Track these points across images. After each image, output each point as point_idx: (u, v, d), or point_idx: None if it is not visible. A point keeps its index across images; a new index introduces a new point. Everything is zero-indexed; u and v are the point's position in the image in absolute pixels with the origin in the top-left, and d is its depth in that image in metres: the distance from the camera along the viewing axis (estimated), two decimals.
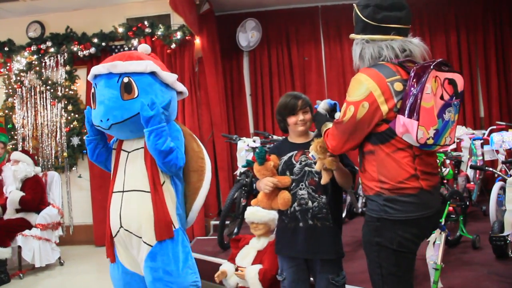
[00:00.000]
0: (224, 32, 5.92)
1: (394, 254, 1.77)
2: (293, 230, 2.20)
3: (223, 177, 5.47)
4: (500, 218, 3.36)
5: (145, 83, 2.18)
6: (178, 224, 2.25)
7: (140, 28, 5.48)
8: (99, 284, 4.25)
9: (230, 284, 2.89)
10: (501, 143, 4.16)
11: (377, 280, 1.82)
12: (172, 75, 2.29)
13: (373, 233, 1.81)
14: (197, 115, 5.49)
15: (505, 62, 5.73)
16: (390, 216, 1.76)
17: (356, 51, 1.87)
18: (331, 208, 2.16)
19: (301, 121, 2.22)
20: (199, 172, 2.30)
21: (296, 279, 2.25)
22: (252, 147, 4.07)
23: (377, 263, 1.80)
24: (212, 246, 4.18)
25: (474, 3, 5.69)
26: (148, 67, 2.19)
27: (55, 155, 5.67)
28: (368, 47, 1.82)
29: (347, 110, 1.78)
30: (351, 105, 1.77)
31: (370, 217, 1.83)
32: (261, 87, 6.05)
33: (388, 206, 1.76)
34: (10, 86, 5.72)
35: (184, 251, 2.23)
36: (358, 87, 1.76)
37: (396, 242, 1.76)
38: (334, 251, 2.17)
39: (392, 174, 1.75)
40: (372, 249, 1.82)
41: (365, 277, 3.03)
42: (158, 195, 2.15)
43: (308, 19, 5.97)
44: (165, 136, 2.11)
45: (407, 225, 1.76)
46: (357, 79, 1.79)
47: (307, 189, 2.16)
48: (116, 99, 2.15)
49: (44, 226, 4.58)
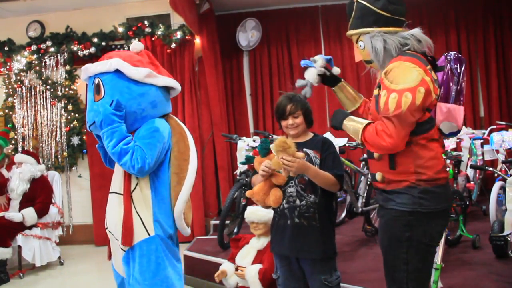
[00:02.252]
0: (224, 31, 5.92)
1: (424, 249, 1.75)
2: (282, 227, 2.20)
3: (223, 177, 5.47)
4: (500, 218, 3.36)
5: (111, 83, 2.12)
6: (154, 231, 2.08)
7: (140, 28, 5.48)
8: (99, 283, 4.25)
9: (230, 283, 2.89)
10: (501, 143, 4.17)
11: (400, 277, 1.77)
12: (141, 71, 2.13)
13: (403, 228, 1.75)
14: (197, 114, 5.50)
15: (505, 62, 5.73)
16: (425, 209, 1.72)
17: (376, 45, 1.79)
18: (320, 208, 2.15)
19: (290, 125, 2.22)
20: (180, 175, 2.14)
21: (290, 277, 2.25)
22: (252, 147, 4.07)
23: (404, 259, 1.75)
24: (212, 246, 4.18)
25: (474, 3, 5.68)
26: (112, 66, 2.11)
27: (55, 155, 5.67)
28: (391, 39, 1.78)
29: (402, 98, 1.67)
30: (406, 92, 1.67)
31: (400, 212, 1.75)
32: (261, 87, 6.05)
33: (423, 198, 1.72)
34: (10, 86, 5.72)
35: (156, 261, 2.06)
36: (408, 74, 1.69)
37: (428, 235, 1.74)
38: (320, 251, 2.14)
39: (429, 164, 1.74)
40: (400, 245, 1.76)
41: (365, 277, 3.04)
42: (127, 200, 2.08)
43: (308, 19, 5.97)
44: (116, 137, 2.02)
45: (439, 217, 1.77)
46: (403, 66, 1.72)
47: (296, 187, 2.16)
48: (91, 102, 2.15)
49: (44, 225, 4.59)
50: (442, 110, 1.74)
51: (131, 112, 2.11)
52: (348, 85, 2.19)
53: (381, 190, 1.86)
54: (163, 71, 2.27)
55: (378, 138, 1.75)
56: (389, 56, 1.79)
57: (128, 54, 2.22)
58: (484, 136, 4.80)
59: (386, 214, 1.82)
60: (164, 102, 2.25)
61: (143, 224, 2.07)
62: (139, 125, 2.14)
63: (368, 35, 1.81)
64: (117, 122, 2.05)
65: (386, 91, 1.71)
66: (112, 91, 2.11)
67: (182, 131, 2.25)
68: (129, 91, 2.12)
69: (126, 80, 2.13)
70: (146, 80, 2.16)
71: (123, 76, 2.12)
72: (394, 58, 1.76)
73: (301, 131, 2.25)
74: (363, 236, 4.02)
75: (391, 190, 1.79)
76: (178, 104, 5.41)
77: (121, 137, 2.03)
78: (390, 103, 1.69)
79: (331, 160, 2.17)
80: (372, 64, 1.89)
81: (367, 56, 1.86)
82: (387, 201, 1.82)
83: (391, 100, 1.69)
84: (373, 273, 3.01)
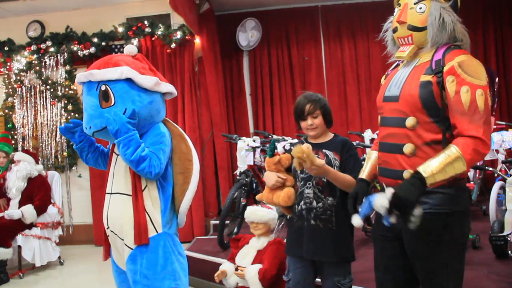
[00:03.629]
0: (224, 31, 5.92)
1: (461, 249, 1.68)
2: (299, 229, 2.19)
3: (223, 177, 5.47)
4: (500, 218, 3.36)
5: (121, 91, 2.16)
6: (161, 229, 2.20)
7: (140, 28, 5.48)
8: (99, 283, 4.25)
9: (230, 283, 2.89)
10: (501, 143, 4.17)
11: (441, 281, 1.65)
12: (150, 79, 2.21)
13: (442, 232, 1.62)
14: (197, 114, 5.50)
15: (505, 62, 5.74)
16: (461, 208, 1.64)
17: (447, 20, 1.66)
18: (337, 211, 2.12)
19: (309, 125, 2.19)
20: (185, 174, 2.25)
21: (302, 280, 2.23)
22: (252, 147, 4.07)
23: (444, 264, 1.64)
24: (212, 246, 4.18)
25: (474, 3, 5.68)
26: (123, 74, 2.15)
27: (55, 155, 5.68)
28: (458, 24, 1.68)
29: (488, 95, 1.55)
30: (479, 89, 1.55)
31: (437, 214, 1.61)
32: (261, 87, 6.05)
33: (460, 196, 1.64)
34: (10, 86, 5.72)
35: (164, 256, 2.17)
36: (482, 71, 1.58)
37: (465, 235, 1.68)
38: (336, 254, 2.13)
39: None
40: (439, 249, 1.64)
41: (365, 277, 3.04)
42: (138, 200, 2.15)
43: (308, 19, 5.97)
44: (133, 145, 2.08)
45: (469, 215, 1.71)
46: (476, 62, 1.60)
47: (314, 189, 2.15)
48: (96, 107, 2.16)
49: (44, 225, 4.59)
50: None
51: (141, 119, 2.19)
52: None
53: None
54: (160, 76, 2.34)
55: (477, 153, 1.55)
56: (442, 37, 1.67)
57: (131, 60, 2.28)
58: None
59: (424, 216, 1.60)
60: (164, 108, 2.37)
61: (152, 222, 2.17)
62: (145, 130, 2.23)
63: (439, 4, 1.68)
64: (132, 130, 2.11)
65: (469, 86, 1.55)
66: (124, 99, 2.15)
67: (181, 133, 2.35)
68: (140, 99, 2.19)
69: (137, 88, 2.19)
70: (154, 88, 2.24)
71: (133, 85, 2.18)
72: (456, 50, 1.63)
73: (321, 132, 2.22)
74: (363, 236, 4.02)
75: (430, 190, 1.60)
76: (178, 104, 5.41)
77: (137, 145, 2.10)
78: (478, 101, 1.53)
79: (352, 162, 2.14)
80: (417, 34, 1.71)
81: (421, 22, 1.69)
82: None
83: (478, 98, 1.53)
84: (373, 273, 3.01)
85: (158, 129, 2.25)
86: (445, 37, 1.68)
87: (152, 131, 2.23)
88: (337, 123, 5.65)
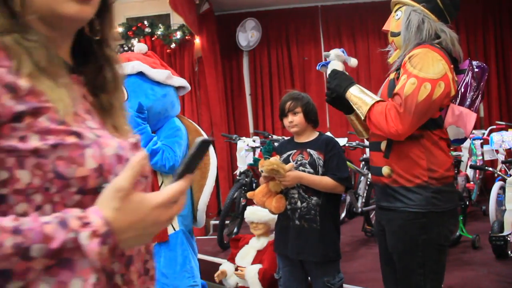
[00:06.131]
0: (224, 31, 5.92)
1: (439, 250, 1.70)
2: (285, 228, 2.20)
3: (223, 177, 5.47)
4: (500, 218, 3.36)
5: (134, 85, 2.16)
6: (178, 226, 2.23)
7: (140, 28, 5.47)
8: None
9: (230, 283, 2.89)
10: (501, 143, 4.17)
11: (418, 280, 1.70)
12: (162, 72, 2.23)
13: (418, 231, 1.66)
14: (197, 114, 5.50)
15: (505, 62, 5.73)
16: (438, 209, 1.66)
17: (413, 19, 1.69)
18: (322, 211, 2.12)
19: (289, 122, 2.20)
20: (203, 169, 2.28)
21: (292, 278, 2.24)
22: (252, 147, 4.07)
23: (420, 263, 1.68)
24: (212, 246, 4.18)
25: (474, 3, 5.68)
26: (134, 68, 2.17)
27: None
28: (429, 23, 1.68)
29: (421, 87, 1.56)
30: (426, 83, 1.56)
31: (414, 214, 1.66)
32: (261, 87, 6.05)
33: (436, 198, 1.65)
34: None
35: (182, 254, 2.20)
36: (435, 64, 1.60)
37: (443, 236, 1.69)
38: (320, 254, 2.11)
39: (440, 161, 1.66)
40: (416, 249, 1.68)
41: (365, 277, 3.04)
42: None
43: (308, 19, 5.97)
44: (144, 139, 2.08)
45: (451, 216, 1.72)
46: (430, 55, 1.61)
47: (298, 189, 2.14)
48: None
49: None
50: (454, 113, 1.65)
51: (156, 113, 2.19)
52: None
53: (386, 186, 1.73)
54: (172, 71, 2.36)
55: (385, 120, 1.61)
56: (417, 38, 1.69)
57: (142, 56, 2.29)
58: (484, 136, 4.80)
59: (398, 218, 1.70)
60: (178, 102, 2.38)
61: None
62: (161, 125, 2.24)
63: (411, 8, 1.72)
64: (141, 124, 2.11)
65: (407, 75, 1.60)
66: (137, 94, 2.16)
67: (197, 128, 2.39)
68: (153, 93, 2.19)
69: (149, 82, 2.20)
70: (167, 81, 2.26)
71: (145, 78, 2.19)
72: (422, 45, 1.66)
73: (302, 130, 2.22)
74: (363, 236, 4.02)
75: (399, 187, 1.69)
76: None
77: (148, 139, 2.10)
78: (406, 87, 1.58)
79: (335, 162, 2.14)
80: (396, 39, 1.77)
81: (397, 27, 1.76)
82: (394, 201, 1.71)
83: (408, 85, 1.58)
84: (373, 273, 3.01)
85: (173, 123, 2.27)
86: (414, 36, 1.71)
87: (167, 125, 2.24)
88: (336, 123, 5.64)
